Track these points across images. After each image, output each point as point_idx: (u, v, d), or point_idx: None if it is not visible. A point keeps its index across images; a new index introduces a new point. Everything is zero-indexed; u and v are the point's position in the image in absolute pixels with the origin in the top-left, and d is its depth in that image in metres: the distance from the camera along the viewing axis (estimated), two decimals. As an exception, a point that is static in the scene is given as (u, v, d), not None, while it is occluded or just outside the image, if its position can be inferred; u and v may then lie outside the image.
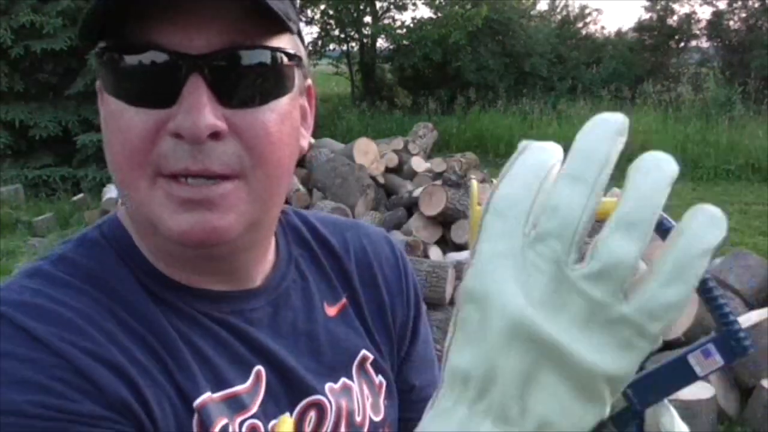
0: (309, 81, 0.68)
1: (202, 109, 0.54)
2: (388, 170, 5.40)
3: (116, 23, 0.55)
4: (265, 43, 0.57)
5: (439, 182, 4.62)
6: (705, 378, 0.57)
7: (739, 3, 16.76)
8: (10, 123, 9.16)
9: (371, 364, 0.75)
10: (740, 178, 10.19)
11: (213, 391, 0.61)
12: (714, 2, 17.02)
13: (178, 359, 0.60)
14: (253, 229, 0.61)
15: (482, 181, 4.82)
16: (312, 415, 0.68)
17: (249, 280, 0.68)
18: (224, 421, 0.61)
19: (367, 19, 16.24)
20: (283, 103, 0.59)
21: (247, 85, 0.57)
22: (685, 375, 0.54)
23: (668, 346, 3.85)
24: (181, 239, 0.57)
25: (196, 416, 0.60)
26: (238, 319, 0.66)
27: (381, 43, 16.47)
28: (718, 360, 0.56)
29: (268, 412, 0.65)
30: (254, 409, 0.64)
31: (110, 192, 6.75)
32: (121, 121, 0.56)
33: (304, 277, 0.74)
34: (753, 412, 3.18)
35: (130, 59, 0.56)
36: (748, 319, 3.47)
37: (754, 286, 3.98)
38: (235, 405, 0.63)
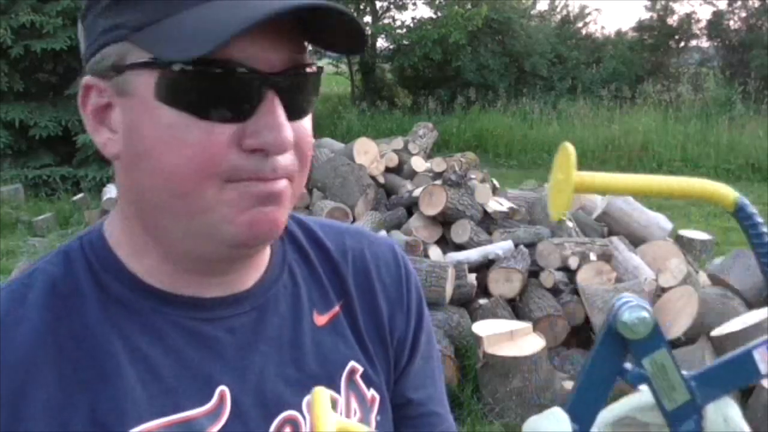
0: None
1: (285, 125, 0.57)
2: (388, 170, 5.40)
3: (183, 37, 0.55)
4: (306, 60, 0.61)
5: (439, 182, 4.62)
6: None
7: (739, 3, 16.76)
8: (10, 123, 9.15)
9: (361, 376, 0.72)
10: (740, 178, 10.19)
11: (160, 417, 0.60)
12: (714, 2, 17.03)
13: (110, 387, 0.60)
14: (285, 224, 0.64)
15: (482, 180, 4.82)
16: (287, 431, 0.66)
17: (240, 283, 0.67)
18: None
19: (367, 18, 16.24)
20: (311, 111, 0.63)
21: (302, 99, 0.60)
22: (749, 371, 0.53)
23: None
24: (246, 233, 0.59)
25: None
26: (215, 327, 0.65)
27: (381, 42, 16.47)
28: None
29: None
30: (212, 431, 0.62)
31: (110, 192, 6.75)
32: (185, 133, 0.56)
33: (295, 283, 0.72)
34: (753, 412, 3.18)
35: (207, 73, 0.55)
36: (748, 319, 3.48)
37: (755, 286, 3.98)
38: (188, 429, 0.61)
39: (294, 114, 0.59)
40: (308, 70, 0.60)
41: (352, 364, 0.72)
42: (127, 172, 0.61)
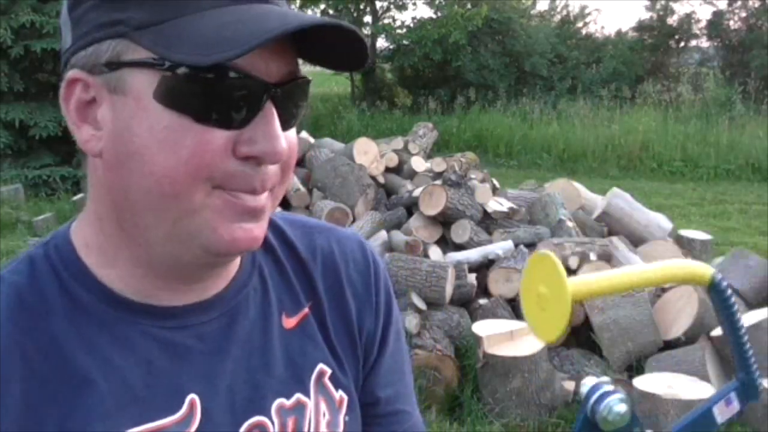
0: None
1: (280, 136, 0.58)
2: (388, 170, 5.40)
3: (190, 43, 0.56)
4: (300, 72, 0.61)
5: (439, 182, 4.62)
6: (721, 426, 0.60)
7: (739, 3, 16.76)
8: (10, 123, 9.15)
9: (330, 378, 0.72)
10: (740, 178, 10.19)
11: (130, 427, 0.60)
12: (714, 2, 17.03)
13: (78, 398, 0.59)
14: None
15: (482, 180, 4.82)
16: None
17: (211, 289, 0.67)
18: None
19: (367, 18, 16.25)
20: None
21: (295, 109, 0.61)
22: (707, 425, 0.58)
23: (669, 345, 3.81)
24: (227, 245, 0.59)
25: None
26: (184, 334, 0.65)
27: (381, 42, 16.48)
28: (736, 406, 0.58)
29: None
30: None
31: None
32: (181, 135, 0.56)
33: (265, 286, 0.71)
34: (753, 412, 3.18)
35: (211, 78, 0.55)
36: (748, 319, 3.48)
37: (755, 286, 3.99)
38: None
39: (285, 124, 0.60)
40: (303, 82, 0.61)
41: (320, 366, 0.72)
42: (112, 170, 0.59)
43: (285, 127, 0.60)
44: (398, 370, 0.80)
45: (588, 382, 0.57)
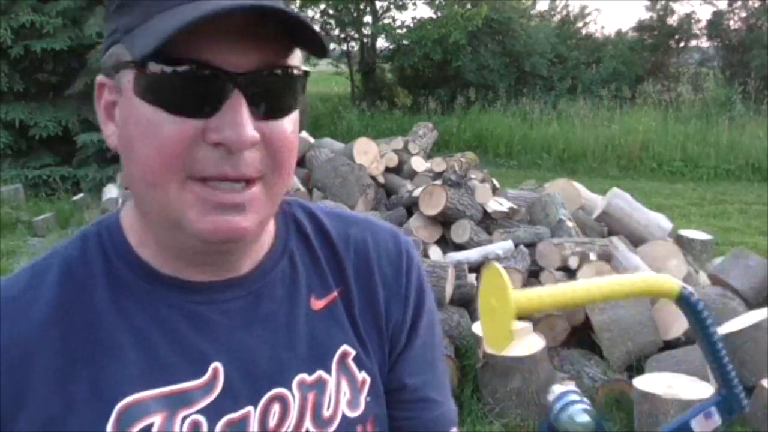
0: None
1: (245, 123, 0.60)
2: (388, 170, 5.40)
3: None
4: (288, 62, 0.63)
5: (439, 182, 4.62)
6: None
7: (739, 3, 16.76)
8: (10, 123, 9.15)
9: (353, 359, 0.75)
10: (740, 178, 10.19)
11: (156, 387, 0.66)
12: (714, 2, 17.02)
13: (110, 362, 0.66)
14: (262, 225, 0.67)
15: (482, 180, 4.82)
16: (276, 408, 0.71)
17: (237, 269, 0.71)
18: (154, 418, 0.65)
19: (367, 18, 16.24)
20: (295, 113, 0.66)
21: (275, 99, 0.63)
22: None
23: (669, 345, 3.80)
24: (207, 237, 0.63)
25: (112, 418, 0.64)
26: (211, 309, 0.70)
27: (381, 42, 16.48)
28: (717, 420, 0.57)
29: (221, 407, 0.68)
30: (202, 404, 0.67)
31: (110, 192, 6.76)
32: (157, 127, 0.60)
33: (295, 270, 0.75)
34: (753, 412, 3.18)
35: (177, 72, 0.59)
36: (748, 319, 3.47)
37: (755, 286, 3.98)
38: (180, 400, 0.66)
39: (268, 113, 0.62)
40: (280, 72, 0.63)
41: (344, 347, 0.75)
42: (124, 162, 0.65)
43: (269, 116, 0.62)
44: (428, 360, 0.82)
45: (556, 390, 0.57)
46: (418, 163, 5.36)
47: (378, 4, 16.04)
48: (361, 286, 0.78)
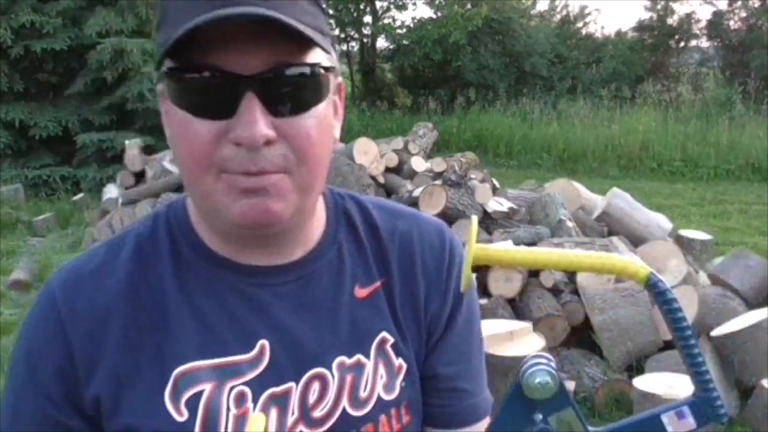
0: (339, 79, 0.77)
1: (257, 122, 0.64)
2: (388, 170, 5.40)
3: (183, 48, 0.64)
4: (304, 60, 0.67)
5: (439, 182, 4.62)
6: None
7: (739, 3, 16.77)
8: (10, 123, 9.15)
9: (391, 346, 0.80)
10: (740, 178, 10.19)
11: (209, 358, 0.73)
12: (714, 2, 17.03)
13: (172, 332, 0.73)
14: (297, 213, 0.71)
15: (482, 180, 4.82)
16: (316, 386, 0.76)
17: (288, 255, 0.77)
18: (205, 386, 0.72)
19: (367, 18, 16.26)
20: (320, 108, 0.69)
21: (292, 97, 0.66)
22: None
23: (669, 345, 3.79)
24: (241, 220, 0.68)
25: (170, 383, 0.72)
26: (263, 291, 0.76)
27: (381, 42, 16.49)
28: (691, 423, 0.56)
29: (266, 381, 0.74)
30: (249, 376, 0.73)
31: (110, 192, 6.75)
32: (188, 129, 0.66)
33: (342, 260, 0.80)
34: (753, 412, 3.18)
35: (195, 79, 0.65)
36: (748, 319, 3.48)
37: (755, 286, 3.99)
38: (229, 372, 0.73)
39: (286, 110, 0.66)
40: (293, 71, 0.66)
41: (383, 334, 0.80)
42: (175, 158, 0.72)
43: (287, 113, 0.66)
44: (464, 351, 0.86)
45: (528, 357, 0.59)
46: (418, 163, 5.36)
47: (378, 4, 16.06)
48: (404, 277, 0.82)
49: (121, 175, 6.52)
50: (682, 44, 17.88)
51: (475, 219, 0.60)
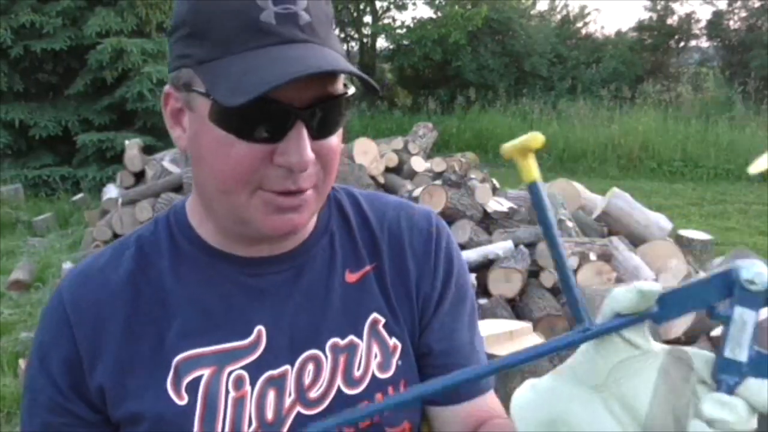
0: None
1: (306, 149, 0.70)
2: (388, 170, 5.40)
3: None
4: (339, 88, 0.73)
5: (439, 182, 4.62)
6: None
7: (739, 3, 16.77)
8: (10, 123, 9.14)
9: (384, 326, 0.84)
10: (740, 178, 10.19)
11: (208, 346, 0.78)
12: (714, 2, 17.04)
13: (171, 322, 0.78)
14: (312, 217, 0.78)
15: (482, 180, 4.82)
16: (310, 367, 0.80)
17: (283, 246, 0.82)
18: (204, 371, 0.77)
19: (367, 18, 16.26)
20: (341, 127, 0.76)
21: (329, 123, 0.73)
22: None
23: (669, 345, 3.84)
24: (272, 233, 0.74)
25: (171, 370, 0.76)
26: (259, 280, 0.81)
27: (381, 42, 16.50)
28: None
29: (263, 365, 0.78)
30: (246, 361, 0.78)
31: (110, 192, 6.75)
32: (229, 149, 0.70)
33: (333, 248, 0.85)
34: (753, 411, 3.18)
35: (248, 109, 0.67)
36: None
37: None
38: (228, 357, 0.78)
39: (322, 134, 0.72)
40: (333, 102, 0.72)
41: (375, 315, 0.84)
42: (193, 164, 0.76)
43: (323, 135, 0.72)
44: (456, 329, 0.89)
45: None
46: (418, 163, 5.36)
47: (378, 4, 16.07)
48: (394, 261, 0.86)
49: (121, 175, 6.51)
50: (682, 44, 17.89)
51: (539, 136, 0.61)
